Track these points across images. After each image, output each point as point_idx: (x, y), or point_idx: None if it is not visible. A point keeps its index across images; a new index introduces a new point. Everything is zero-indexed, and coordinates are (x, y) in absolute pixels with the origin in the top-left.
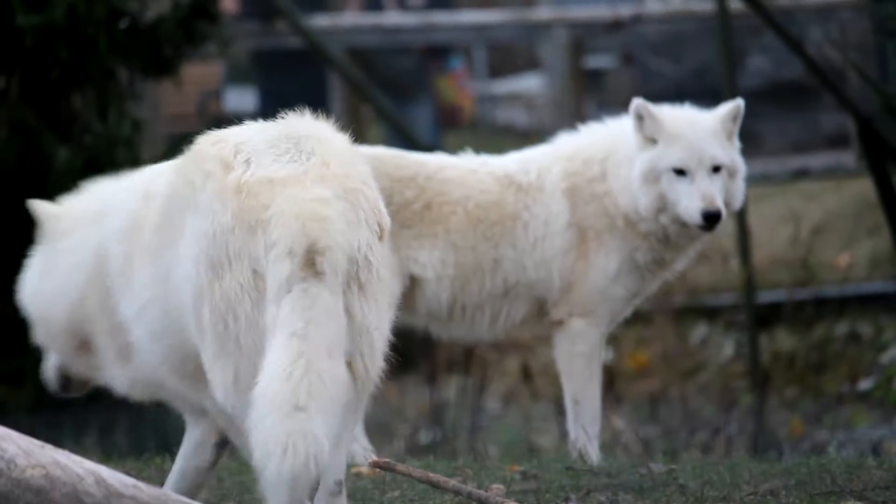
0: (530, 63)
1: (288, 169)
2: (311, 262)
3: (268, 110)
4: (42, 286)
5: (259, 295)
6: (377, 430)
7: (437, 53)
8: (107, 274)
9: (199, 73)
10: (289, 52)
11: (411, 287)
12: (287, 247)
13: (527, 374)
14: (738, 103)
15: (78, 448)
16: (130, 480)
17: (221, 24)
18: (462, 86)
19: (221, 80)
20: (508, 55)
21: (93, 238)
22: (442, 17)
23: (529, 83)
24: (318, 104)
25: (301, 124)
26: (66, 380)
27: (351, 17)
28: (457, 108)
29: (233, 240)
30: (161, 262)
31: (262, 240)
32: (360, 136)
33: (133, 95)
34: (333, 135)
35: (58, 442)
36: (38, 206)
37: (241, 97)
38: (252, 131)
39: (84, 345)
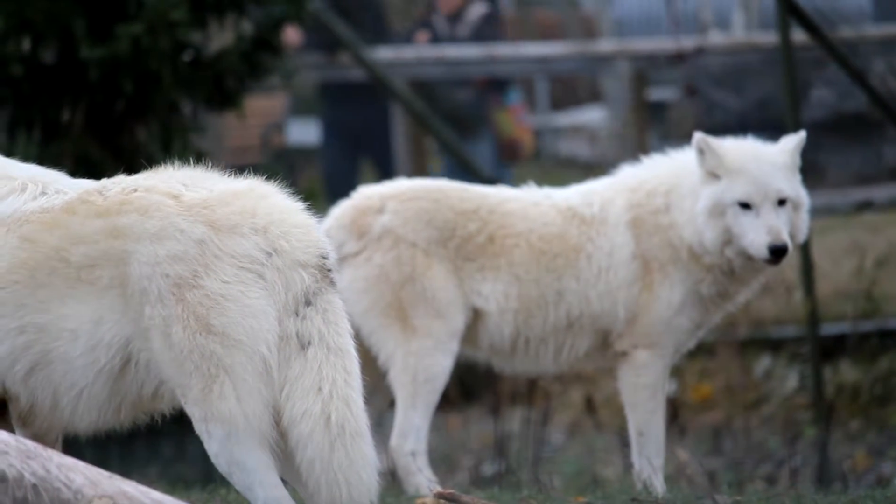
0: (593, 95)
1: (229, 184)
2: (325, 272)
3: (331, 143)
4: None
5: (246, 287)
6: (441, 461)
7: (495, 87)
8: None
9: (263, 105)
10: (352, 85)
11: (474, 320)
12: (300, 256)
13: (590, 406)
14: (801, 135)
15: (144, 478)
16: None
17: (285, 56)
18: (521, 120)
19: (284, 113)
20: (570, 87)
21: None
22: (504, 50)
23: (592, 115)
24: (381, 137)
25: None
26: None
27: (413, 50)
28: (516, 142)
29: (211, 246)
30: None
31: (251, 241)
32: (422, 169)
33: (197, 128)
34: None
35: (124, 472)
36: None
37: (304, 130)
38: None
39: None
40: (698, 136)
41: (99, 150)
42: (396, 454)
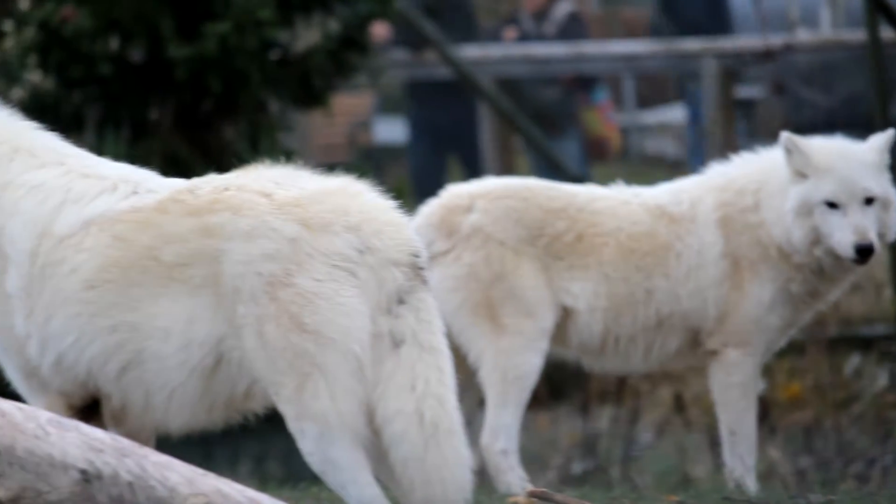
0: (679, 93)
1: (321, 183)
2: (417, 270)
3: (418, 141)
4: None
5: (339, 285)
6: (530, 460)
7: (582, 85)
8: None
9: (350, 103)
10: (439, 83)
11: (564, 318)
12: (393, 254)
13: (679, 404)
14: (890, 134)
15: (233, 477)
16: None
17: (372, 54)
18: (608, 118)
19: (371, 111)
20: (657, 85)
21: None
22: (591, 48)
23: (678, 113)
24: (468, 135)
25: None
26: None
27: (500, 48)
28: (603, 141)
29: (304, 244)
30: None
31: (343, 239)
32: (508, 167)
33: (284, 126)
34: None
35: (212, 471)
36: None
37: (391, 128)
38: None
39: None
40: (785, 135)
41: (187, 149)
42: (487, 453)
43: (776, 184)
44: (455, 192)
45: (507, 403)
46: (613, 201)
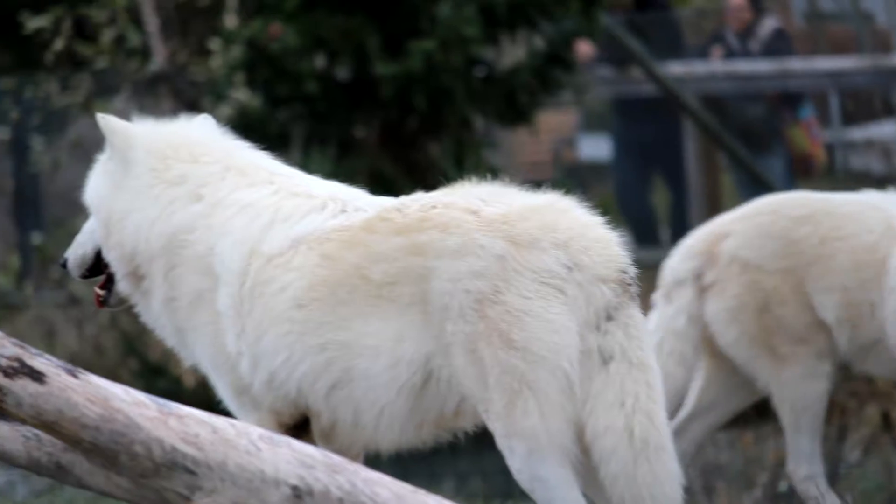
0: (886, 109)
1: (528, 199)
2: (625, 286)
3: (622, 158)
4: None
5: (547, 302)
6: (734, 477)
7: (788, 101)
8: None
9: (554, 120)
10: (644, 100)
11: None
12: (601, 271)
13: (887, 423)
14: None
15: (440, 494)
16: None
17: (576, 71)
18: (814, 134)
19: (576, 128)
20: (863, 101)
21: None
22: (797, 64)
23: (886, 129)
24: (673, 152)
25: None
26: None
27: (705, 65)
28: (809, 157)
29: (512, 261)
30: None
31: (552, 255)
32: (713, 185)
33: (489, 143)
34: None
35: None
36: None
37: (595, 145)
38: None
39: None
40: None
41: (392, 167)
42: (794, 480)
43: None
44: (718, 220)
45: (801, 431)
46: (863, 208)
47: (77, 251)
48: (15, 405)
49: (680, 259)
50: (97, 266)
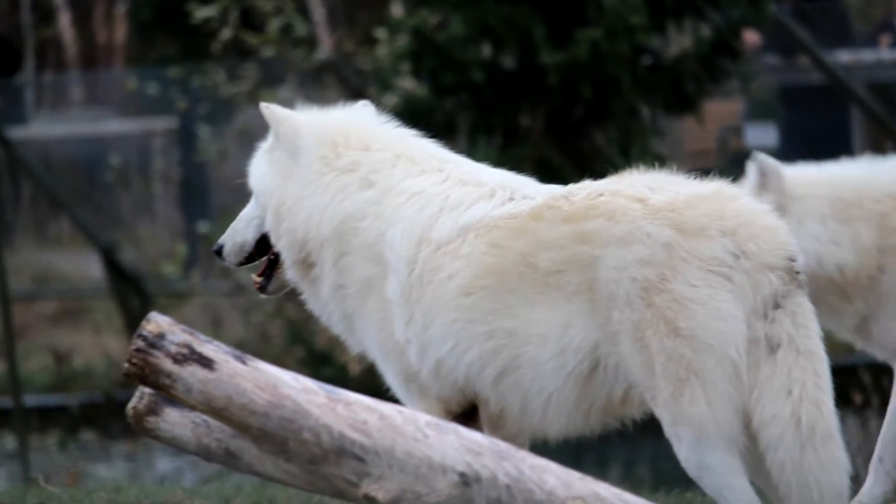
0: None
1: (694, 187)
2: (793, 274)
3: (789, 146)
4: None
5: (714, 290)
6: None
7: None
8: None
9: (720, 109)
10: (811, 88)
11: None
12: (768, 259)
13: None
14: None
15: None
16: None
17: (743, 60)
18: None
19: (741, 116)
20: None
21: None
22: None
23: None
24: (840, 140)
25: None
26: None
27: (873, 52)
28: None
29: (678, 249)
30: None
31: (719, 243)
32: None
33: (655, 132)
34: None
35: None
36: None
37: (761, 133)
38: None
39: (305, 263)
40: None
41: (557, 155)
42: None
43: None
44: None
45: None
46: None
47: (236, 238)
48: (184, 391)
49: None
50: (252, 253)
